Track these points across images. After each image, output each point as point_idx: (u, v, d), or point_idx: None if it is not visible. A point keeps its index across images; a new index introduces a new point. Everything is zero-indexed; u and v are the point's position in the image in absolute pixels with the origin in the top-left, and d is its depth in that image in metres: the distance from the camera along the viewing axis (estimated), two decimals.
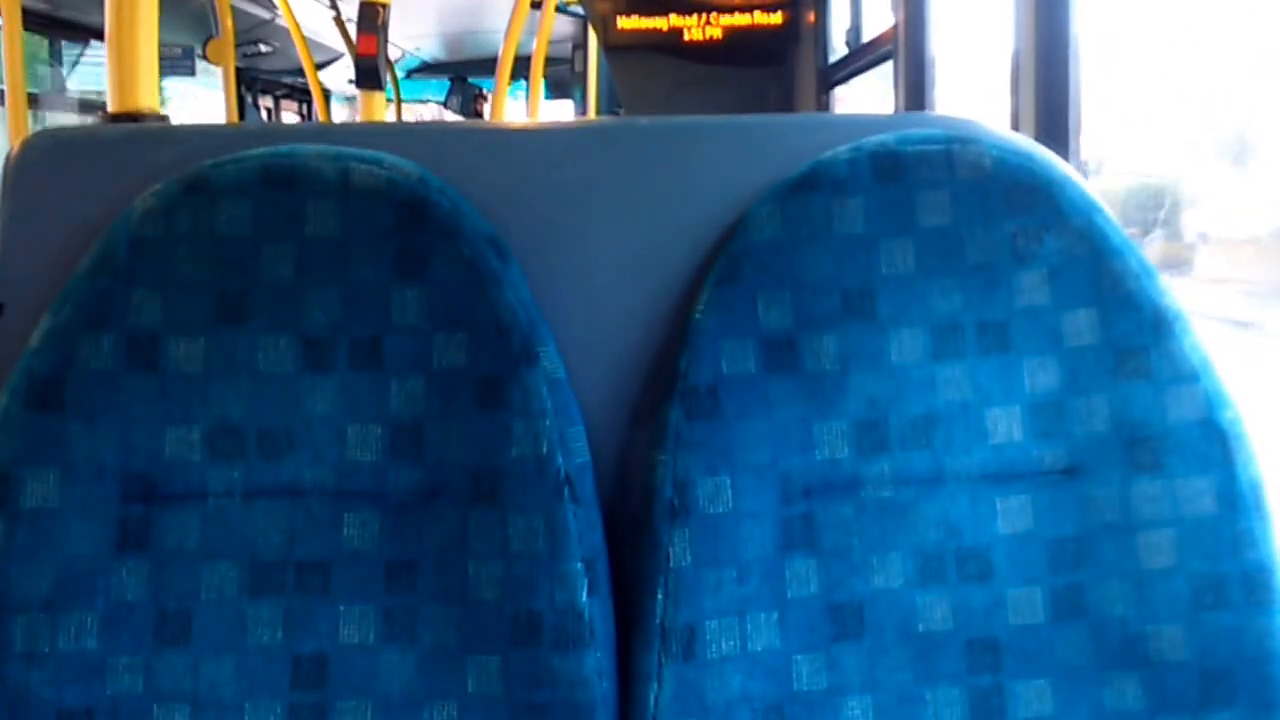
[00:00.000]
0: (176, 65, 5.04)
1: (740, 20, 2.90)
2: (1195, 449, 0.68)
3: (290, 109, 8.02)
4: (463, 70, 7.01)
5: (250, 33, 5.27)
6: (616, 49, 2.97)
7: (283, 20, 4.62)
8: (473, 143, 0.78)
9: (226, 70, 4.64)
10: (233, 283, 0.68)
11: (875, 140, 0.72)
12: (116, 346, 0.67)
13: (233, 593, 0.66)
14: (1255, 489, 0.68)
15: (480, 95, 6.98)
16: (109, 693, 0.65)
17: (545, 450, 0.66)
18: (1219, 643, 0.67)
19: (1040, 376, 0.69)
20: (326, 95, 5.94)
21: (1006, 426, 0.69)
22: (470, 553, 0.66)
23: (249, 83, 6.63)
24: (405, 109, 7.00)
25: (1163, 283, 0.70)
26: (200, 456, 0.67)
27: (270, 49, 5.67)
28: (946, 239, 0.70)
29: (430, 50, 6.83)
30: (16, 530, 0.65)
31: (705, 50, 2.91)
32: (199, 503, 0.67)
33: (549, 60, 3.82)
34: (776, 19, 2.89)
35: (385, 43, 3.03)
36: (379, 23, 2.94)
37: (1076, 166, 1.14)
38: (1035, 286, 0.69)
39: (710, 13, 2.89)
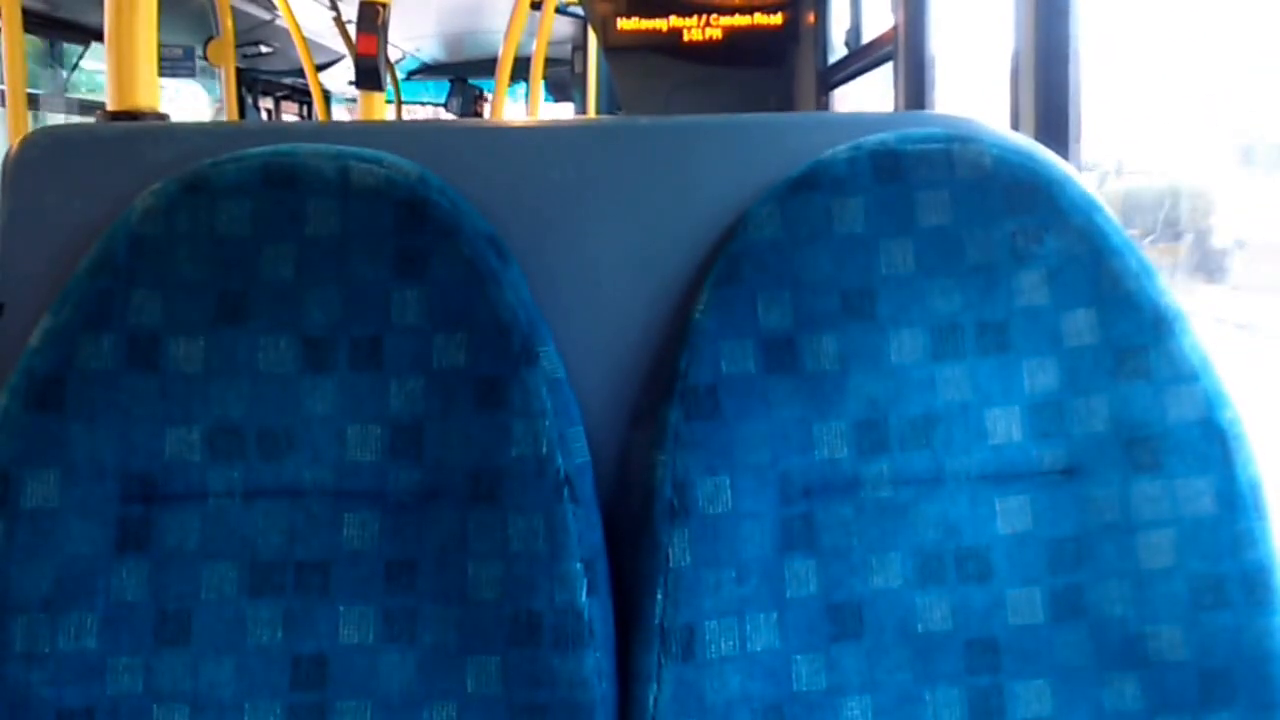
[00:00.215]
0: (177, 66, 5.04)
1: (740, 21, 2.90)
2: (1195, 449, 0.68)
3: (290, 110, 8.02)
4: (462, 71, 7.01)
5: (250, 33, 5.27)
6: (616, 50, 2.98)
7: (283, 21, 4.62)
8: (472, 142, 0.78)
9: (227, 71, 4.64)
10: (232, 282, 0.68)
11: (875, 139, 0.72)
12: (116, 346, 0.67)
13: (232, 593, 0.66)
14: (1254, 489, 0.68)
15: (480, 96, 6.98)
16: (109, 693, 0.65)
17: (545, 450, 0.66)
18: (1218, 643, 0.67)
19: (1040, 376, 0.69)
20: (327, 96, 5.95)
21: (1006, 426, 0.69)
22: (470, 553, 0.66)
23: (249, 84, 6.63)
24: (402, 111, 6.99)
25: (1162, 282, 0.70)
26: (200, 456, 0.67)
27: (270, 50, 5.67)
28: (946, 238, 0.70)
29: (430, 51, 6.83)
30: (16, 530, 0.65)
31: (705, 51, 2.91)
32: (199, 503, 0.67)
33: (549, 61, 3.82)
34: (776, 20, 2.89)
35: (385, 43, 3.03)
36: (379, 23, 2.94)
37: (1076, 166, 1.14)
38: (1035, 286, 0.69)
39: (710, 14, 2.90)
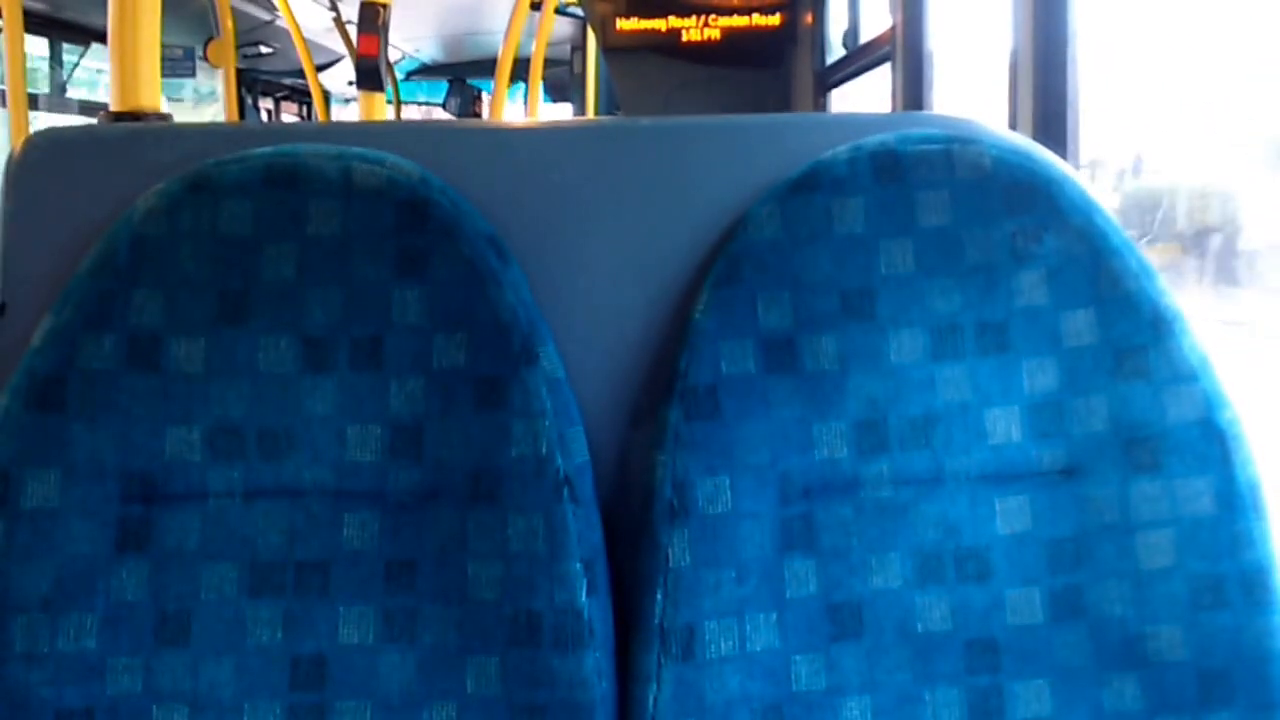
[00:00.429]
0: (178, 66, 5.04)
1: (738, 22, 2.90)
2: (1194, 449, 0.68)
3: (290, 110, 8.03)
4: (462, 72, 7.01)
5: (251, 34, 5.27)
6: (615, 50, 2.98)
7: (283, 22, 4.62)
8: (473, 143, 0.78)
9: (227, 71, 4.64)
10: (234, 282, 0.68)
11: (875, 140, 0.72)
12: (118, 346, 0.67)
13: (232, 593, 0.66)
14: (1253, 489, 0.68)
15: (478, 97, 6.98)
16: (108, 693, 0.65)
17: (545, 450, 0.66)
18: (1217, 643, 0.67)
19: (1039, 377, 0.69)
20: (326, 97, 5.95)
21: (1005, 427, 0.69)
22: (469, 553, 0.66)
23: (249, 84, 6.64)
24: (402, 111, 6.99)
25: (1161, 282, 0.70)
26: (200, 456, 0.67)
27: (271, 50, 5.67)
28: (946, 239, 0.70)
29: (429, 52, 6.83)
30: (16, 530, 0.65)
31: (704, 51, 2.91)
32: (199, 503, 0.67)
33: (548, 62, 3.82)
34: (774, 20, 2.89)
35: (386, 43, 3.03)
36: (379, 23, 2.94)
37: (1075, 166, 1.14)
38: (1034, 286, 0.69)
39: (709, 14, 2.90)
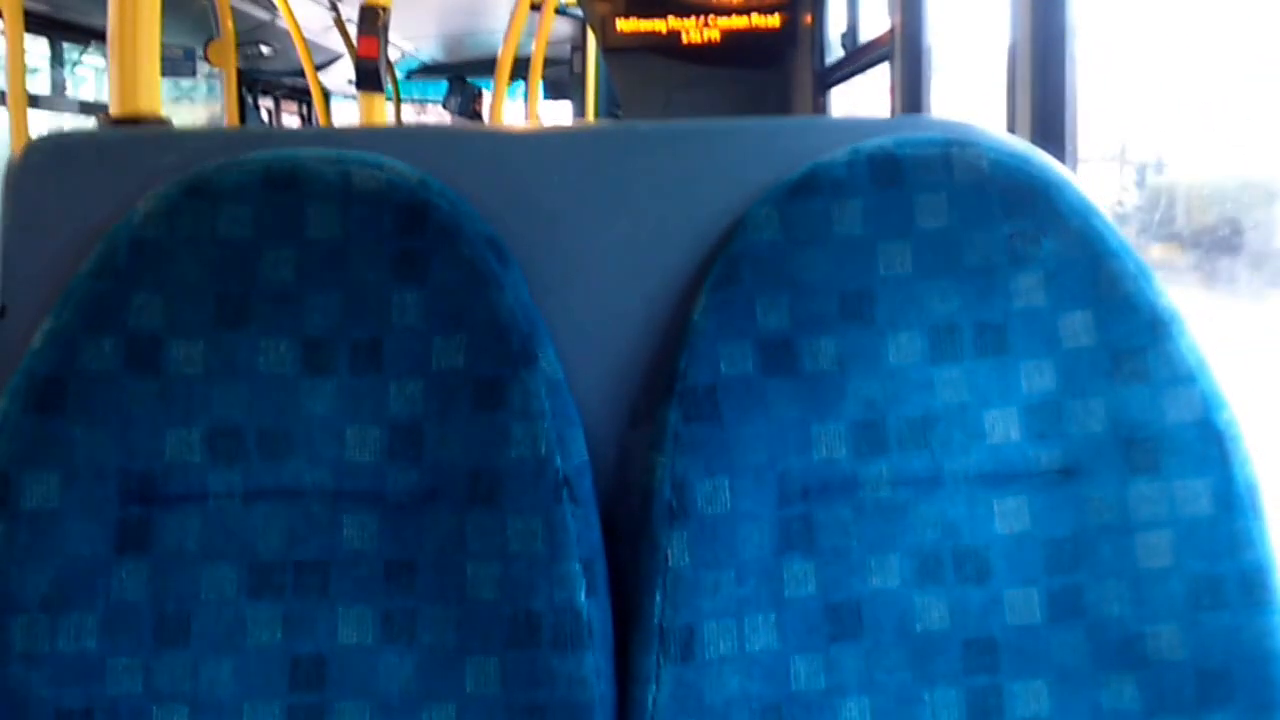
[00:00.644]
0: (178, 67, 5.04)
1: (738, 22, 2.90)
2: (1192, 450, 0.68)
3: (291, 110, 8.04)
4: (462, 71, 7.02)
5: (251, 34, 5.27)
6: (615, 50, 2.98)
7: (283, 22, 4.63)
8: (473, 146, 0.78)
9: (227, 72, 4.64)
10: (233, 285, 0.68)
11: (873, 143, 0.72)
12: (117, 348, 0.67)
13: (232, 594, 0.66)
14: (1251, 490, 0.68)
15: (478, 96, 6.98)
16: (108, 694, 0.65)
17: (544, 451, 0.67)
18: (1216, 643, 0.67)
19: (1037, 378, 0.69)
20: (326, 96, 5.95)
21: (1004, 427, 0.69)
22: (469, 554, 0.66)
23: (250, 84, 6.64)
24: (402, 111, 7.00)
25: (1159, 284, 0.71)
26: (200, 458, 0.67)
27: (271, 50, 5.67)
28: (944, 241, 0.70)
29: (430, 51, 6.83)
30: (16, 531, 0.65)
31: (703, 52, 2.92)
32: (199, 504, 0.67)
33: (548, 61, 3.83)
34: (774, 21, 2.90)
35: (386, 44, 3.04)
36: (380, 25, 2.94)
37: (1072, 168, 1.14)
38: (1032, 288, 0.69)
39: (708, 15, 2.90)
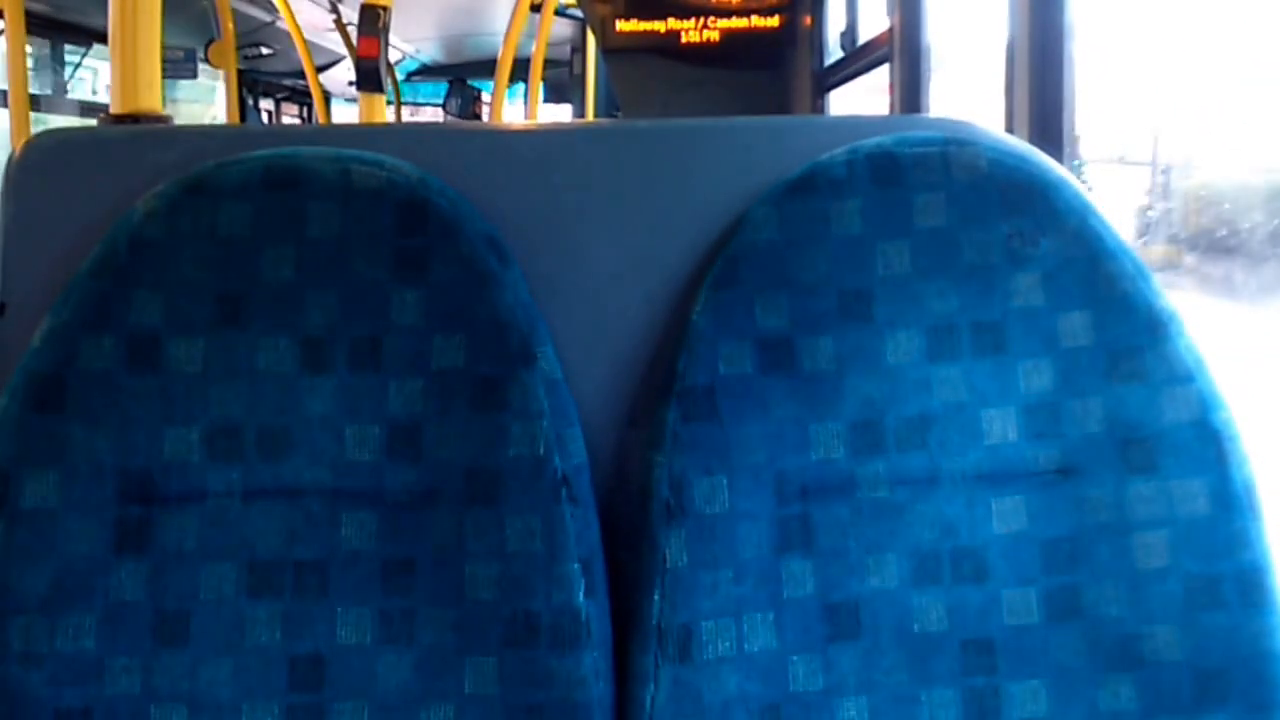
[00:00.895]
0: (179, 68, 5.05)
1: (737, 23, 2.91)
2: (1189, 450, 0.68)
3: (291, 112, 8.04)
4: (462, 73, 7.03)
5: (251, 35, 5.28)
6: (615, 51, 2.98)
7: (283, 23, 4.63)
8: (473, 144, 0.78)
9: (228, 72, 4.65)
10: (233, 284, 0.68)
11: (872, 142, 0.72)
12: (117, 347, 0.67)
13: (231, 593, 0.66)
14: (1249, 490, 0.68)
15: (478, 98, 6.99)
16: (107, 693, 0.65)
17: (542, 451, 0.67)
18: (1213, 643, 0.67)
19: (1035, 377, 0.69)
20: (327, 97, 5.96)
21: (1002, 427, 0.69)
22: (467, 553, 0.66)
23: (250, 85, 6.65)
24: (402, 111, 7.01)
25: (1157, 284, 0.71)
26: (199, 457, 0.67)
27: (271, 51, 5.68)
28: (942, 240, 0.70)
29: (430, 53, 6.84)
30: (15, 530, 0.65)
31: (702, 53, 2.92)
32: (198, 503, 0.67)
33: (548, 63, 3.83)
34: (773, 22, 2.90)
35: (386, 45, 3.04)
36: (380, 25, 2.95)
37: (1070, 169, 1.14)
38: (1030, 288, 0.69)
39: (708, 16, 2.90)
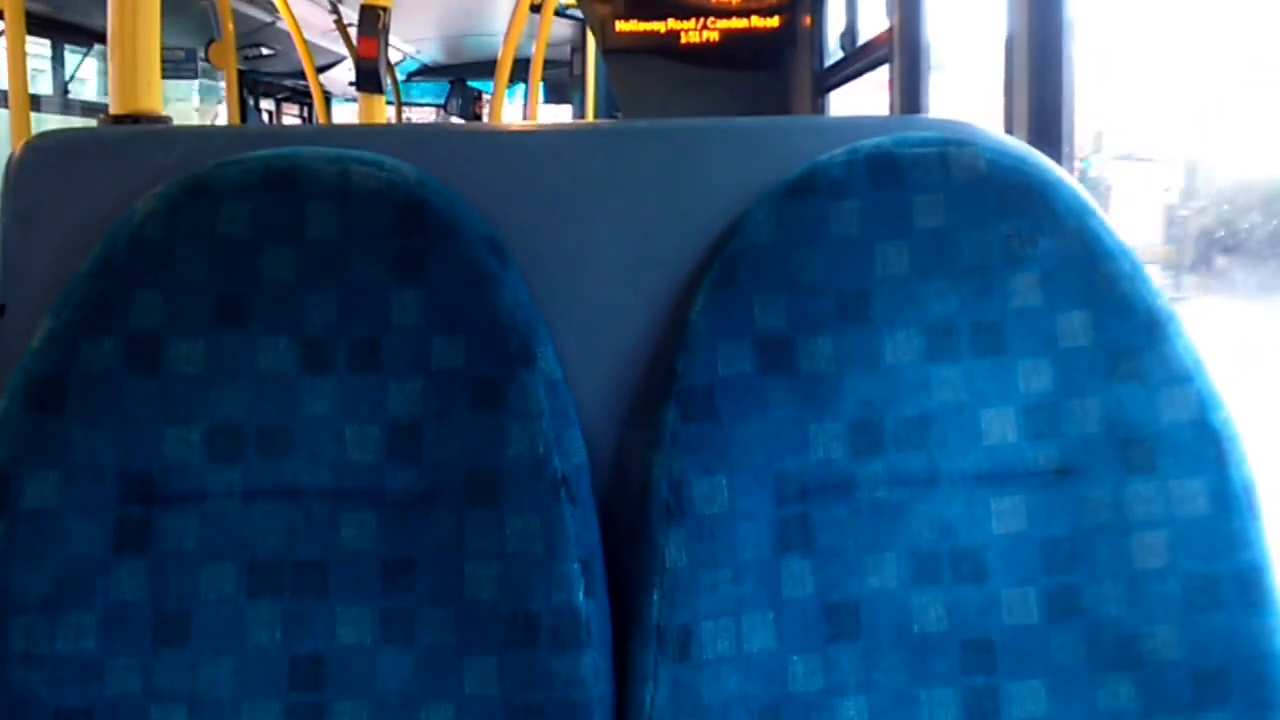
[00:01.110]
0: (179, 68, 5.05)
1: (737, 24, 2.91)
2: (1188, 450, 0.68)
3: (291, 112, 8.05)
4: (462, 73, 7.03)
5: (251, 36, 5.28)
6: (615, 52, 2.99)
7: (284, 24, 4.63)
8: (473, 145, 0.78)
9: (229, 73, 4.65)
10: (233, 284, 0.68)
11: (871, 143, 0.72)
12: (117, 347, 0.67)
13: (231, 593, 0.66)
14: (1248, 490, 0.68)
15: (479, 98, 7.00)
16: (107, 693, 0.65)
17: (542, 451, 0.67)
18: (1212, 643, 0.67)
19: (1034, 378, 0.69)
20: (327, 98, 5.96)
21: (1000, 427, 0.69)
22: (467, 553, 0.66)
23: (250, 85, 6.65)
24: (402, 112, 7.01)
25: (1155, 284, 0.71)
26: (199, 457, 0.67)
27: (271, 52, 5.68)
28: (941, 241, 0.70)
29: (430, 53, 6.85)
30: (16, 531, 0.65)
31: (702, 53, 2.92)
32: (198, 503, 0.67)
33: (548, 63, 3.83)
34: (773, 23, 2.90)
35: (386, 46, 3.04)
36: (380, 26, 2.95)
37: (1069, 170, 1.14)
38: (1029, 288, 0.70)
39: (707, 16, 2.91)
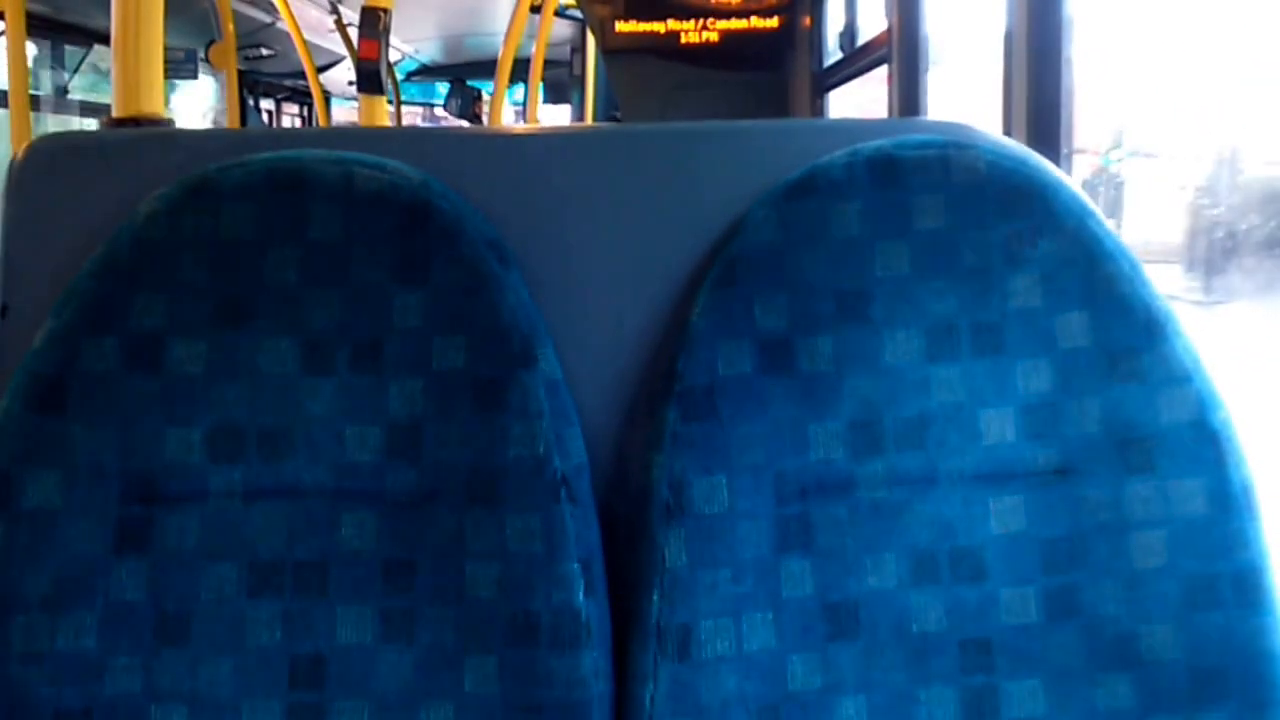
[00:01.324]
0: (179, 69, 5.06)
1: (737, 24, 2.91)
2: (1187, 450, 0.68)
3: (291, 112, 8.06)
4: (462, 73, 7.03)
5: (252, 36, 5.28)
6: (614, 52, 2.99)
7: (284, 24, 4.64)
8: (475, 148, 0.79)
9: (229, 74, 4.65)
10: (235, 285, 0.69)
11: (872, 145, 0.72)
12: (118, 348, 0.67)
13: (231, 593, 0.67)
14: (1247, 490, 0.69)
15: (479, 98, 7.00)
16: (107, 693, 0.65)
17: (542, 451, 0.67)
18: (1211, 642, 0.67)
19: (1033, 378, 0.69)
20: (327, 98, 5.97)
21: (1000, 428, 0.69)
22: (467, 553, 0.66)
23: (250, 86, 6.66)
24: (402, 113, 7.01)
25: (1154, 285, 0.71)
26: (200, 458, 0.67)
27: (271, 53, 5.68)
28: (941, 242, 0.70)
29: (430, 53, 6.85)
30: (16, 531, 0.65)
31: (702, 54, 2.92)
32: (199, 503, 0.67)
33: (547, 63, 3.84)
34: (772, 23, 2.90)
35: (387, 47, 3.04)
36: (381, 27, 2.95)
37: (1067, 170, 1.14)
38: (1028, 289, 0.70)
39: (707, 17, 2.91)
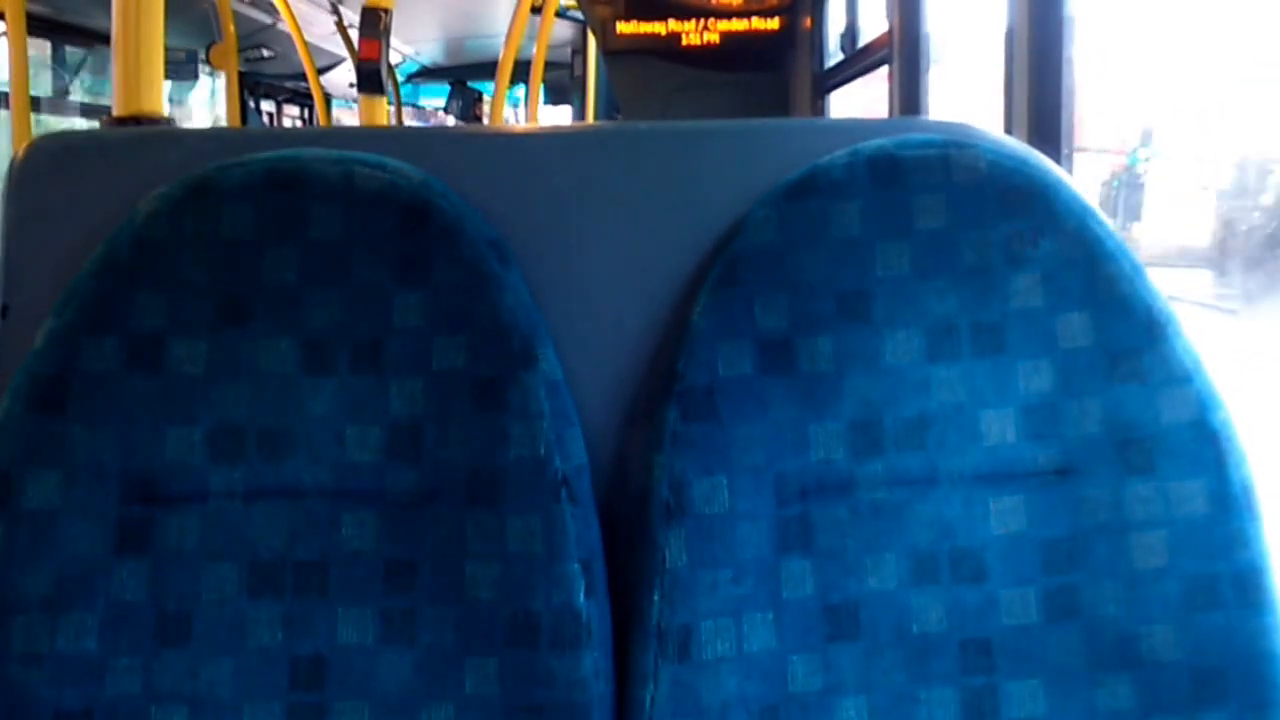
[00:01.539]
0: (180, 70, 5.06)
1: (737, 25, 2.91)
2: (1187, 450, 0.68)
3: (292, 114, 8.06)
4: (462, 75, 7.03)
5: (252, 38, 5.29)
6: (615, 53, 2.99)
7: (284, 26, 4.64)
8: (476, 147, 0.79)
9: (229, 75, 4.66)
10: (235, 285, 0.69)
11: (873, 145, 0.72)
12: (119, 348, 0.67)
13: (232, 593, 0.67)
14: (1247, 490, 0.69)
15: (479, 99, 7.00)
16: (108, 694, 0.65)
17: (543, 451, 0.67)
18: (1211, 642, 0.67)
19: (1034, 378, 0.69)
20: (327, 99, 5.97)
21: (1000, 428, 0.69)
22: (468, 554, 0.66)
23: (251, 87, 6.66)
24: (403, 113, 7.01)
25: (1155, 286, 0.71)
26: (201, 458, 0.67)
27: (272, 54, 5.69)
28: (942, 242, 0.70)
29: (430, 55, 6.85)
30: (17, 531, 0.65)
31: (703, 55, 2.93)
32: (199, 504, 0.67)
33: (548, 65, 3.84)
34: (773, 24, 2.91)
35: (387, 48, 3.04)
36: (381, 27, 2.95)
37: (1069, 170, 1.14)
38: (1029, 289, 0.70)
39: (708, 18, 2.91)
